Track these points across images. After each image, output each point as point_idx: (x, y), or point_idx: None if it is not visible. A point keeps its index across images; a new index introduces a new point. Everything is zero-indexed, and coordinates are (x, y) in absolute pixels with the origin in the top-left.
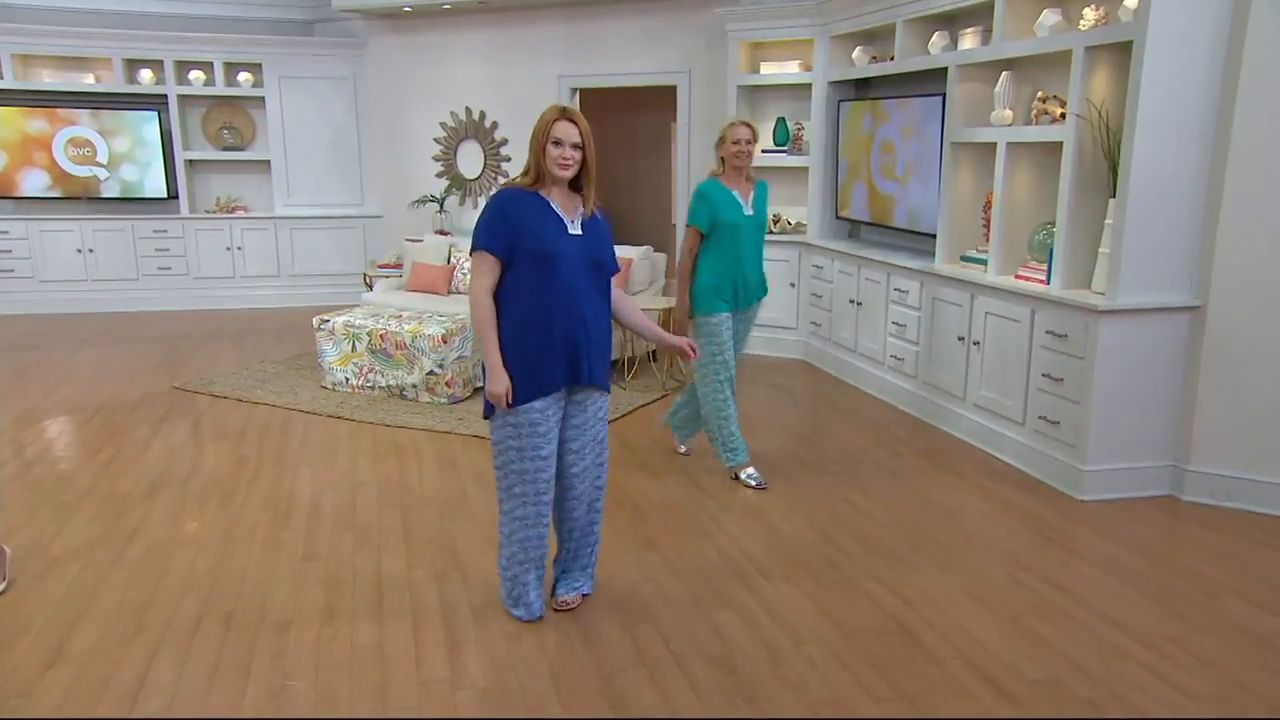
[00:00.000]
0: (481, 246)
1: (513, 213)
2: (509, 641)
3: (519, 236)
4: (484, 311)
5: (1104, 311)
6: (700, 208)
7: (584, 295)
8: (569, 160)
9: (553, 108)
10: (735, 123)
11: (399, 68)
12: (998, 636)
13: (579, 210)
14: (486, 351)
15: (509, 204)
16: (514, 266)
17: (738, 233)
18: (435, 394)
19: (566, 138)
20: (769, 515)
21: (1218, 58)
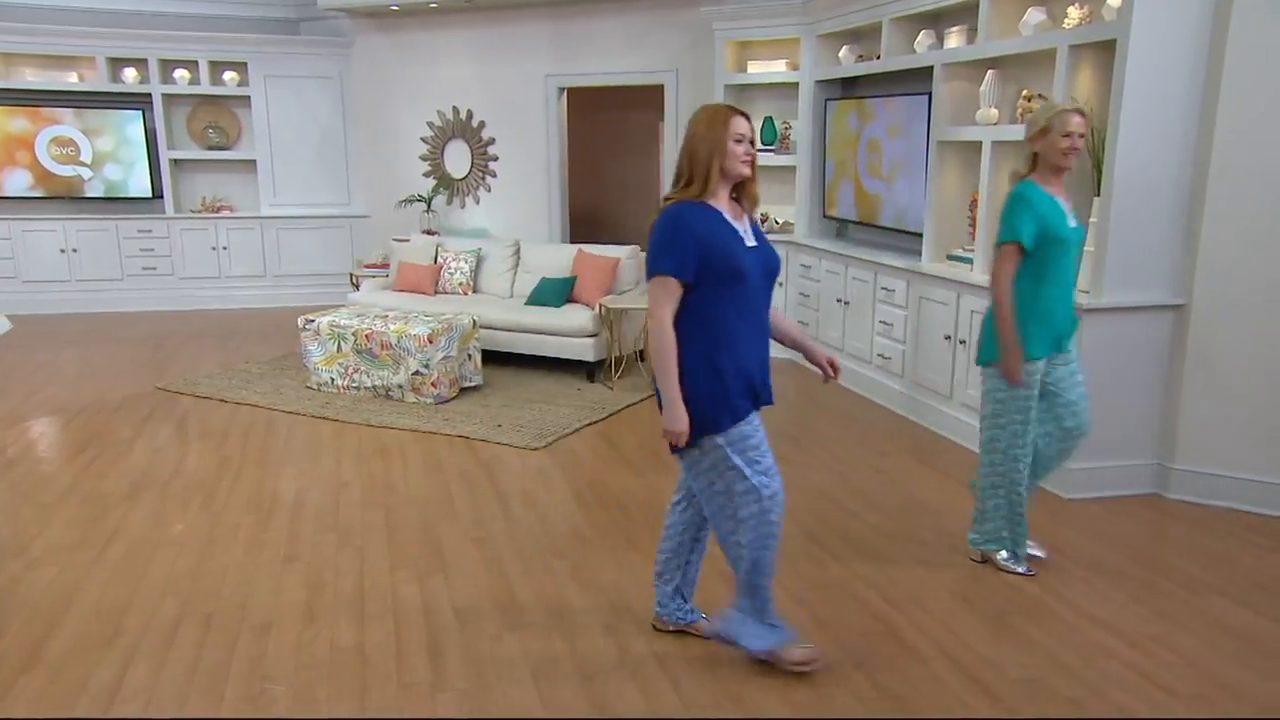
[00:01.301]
0: (667, 271)
1: (697, 229)
2: (491, 643)
3: (708, 255)
4: (670, 342)
5: (1088, 310)
6: (1024, 217)
7: (764, 310)
8: (750, 157)
9: (718, 106)
10: (1066, 108)
11: (385, 67)
12: (982, 635)
13: (744, 217)
14: (667, 385)
15: (691, 220)
16: (699, 288)
17: (1066, 252)
18: (421, 394)
19: (746, 133)
20: None
21: (1200, 57)
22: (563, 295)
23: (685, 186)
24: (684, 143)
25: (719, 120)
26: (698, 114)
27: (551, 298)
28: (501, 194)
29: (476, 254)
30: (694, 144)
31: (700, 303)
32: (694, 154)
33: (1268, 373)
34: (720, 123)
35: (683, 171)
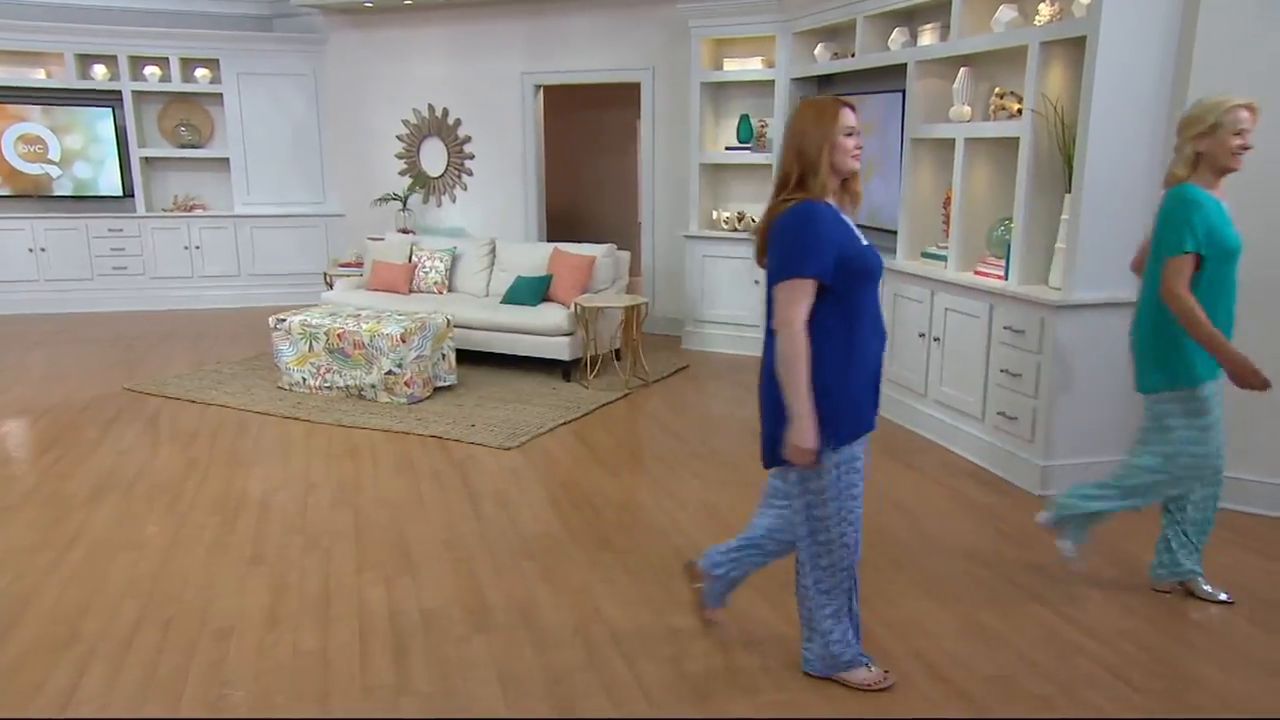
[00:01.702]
0: (805, 273)
1: (830, 229)
2: (458, 646)
3: (843, 255)
4: (804, 349)
5: (1060, 307)
6: (1196, 223)
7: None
8: (860, 150)
9: (824, 100)
10: (1236, 103)
11: (360, 64)
12: (952, 633)
13: (850, 214)
14: (798, 397)
15: (822, 219)
16: (830, 292)
17: (1233, 263)
18: (394, 394)
19: (856, 125)
20: (726, 514)
21: (1169, 54)
22: (538, 294)
23: (798, 186)
24: (789, 140)
25: (828, 114)
26: (803, 109)
27: (527, 296)
28: (478, 192)
29: (451, 253)
30: (803, 141)
31: (829, 308)
32: (803, 151)
33: None
34: (830, 117)
35: (790, 170)
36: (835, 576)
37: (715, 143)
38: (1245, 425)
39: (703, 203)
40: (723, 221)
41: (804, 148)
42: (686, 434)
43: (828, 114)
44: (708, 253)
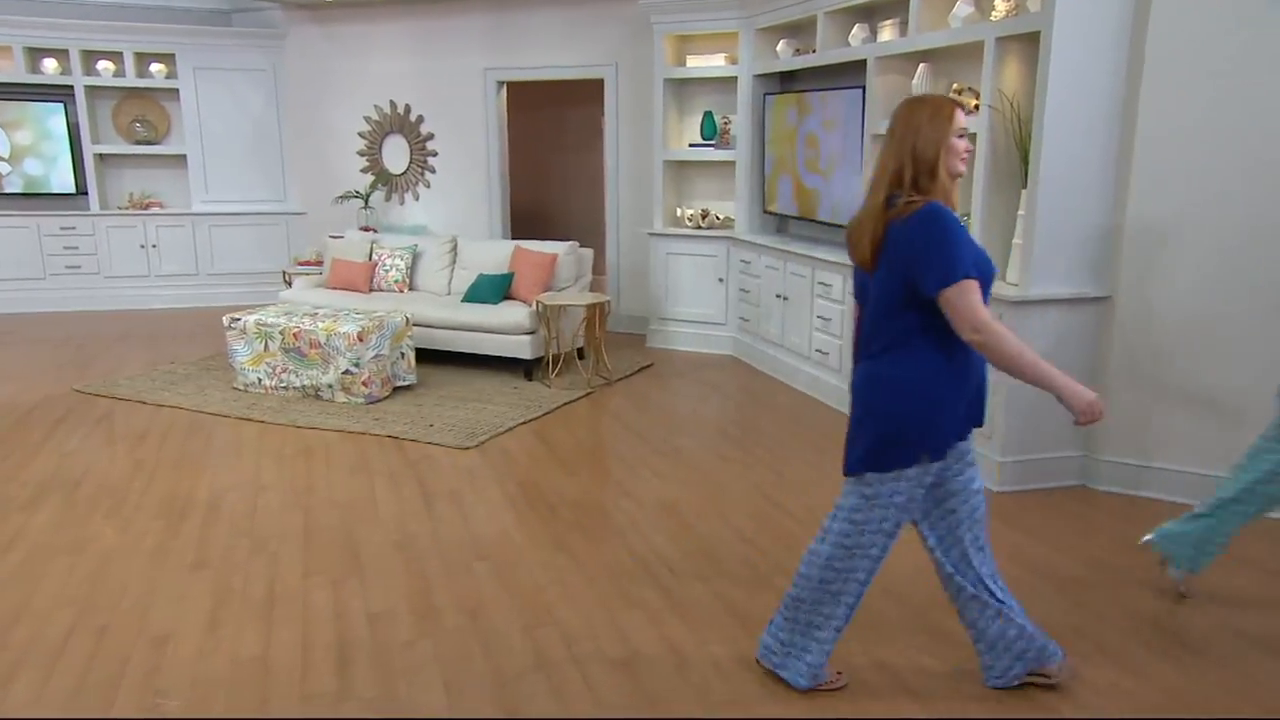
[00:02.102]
0: (969, 273)
1: (965, 230)
2: (403, 650)
3: (977, 256)
4: (1011, 337)
5: (1015, 302)
6: None
7: None
8: (970, 153)
9: (939, 99)
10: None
11: (320, 59)
12: (905, 631)
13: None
14: (1047, 377)
15: (957, 220)
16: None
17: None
18: (352, 394)
19: (967, 127)
20: (686, 514)
21: (1122, 49)
22: (500, 292)
23: (913, 187)
24: (903, 138)
25: (943, 115)
26: (915, 107)
27: (488, 294)
28: (441, 190)
29: (412, 250)
30: (919, 141)
31: (938, 315)
32: (919, 152)
33: (1189, 366)
34: (945, 117)
35: (903, 169)
36: (856, 590)
37: (679, 140)
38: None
39: (667, 200)
40: (686, 219)
41: (920, 148)
42: (648, 433)
43: (943, 114)
44: (672, 250)
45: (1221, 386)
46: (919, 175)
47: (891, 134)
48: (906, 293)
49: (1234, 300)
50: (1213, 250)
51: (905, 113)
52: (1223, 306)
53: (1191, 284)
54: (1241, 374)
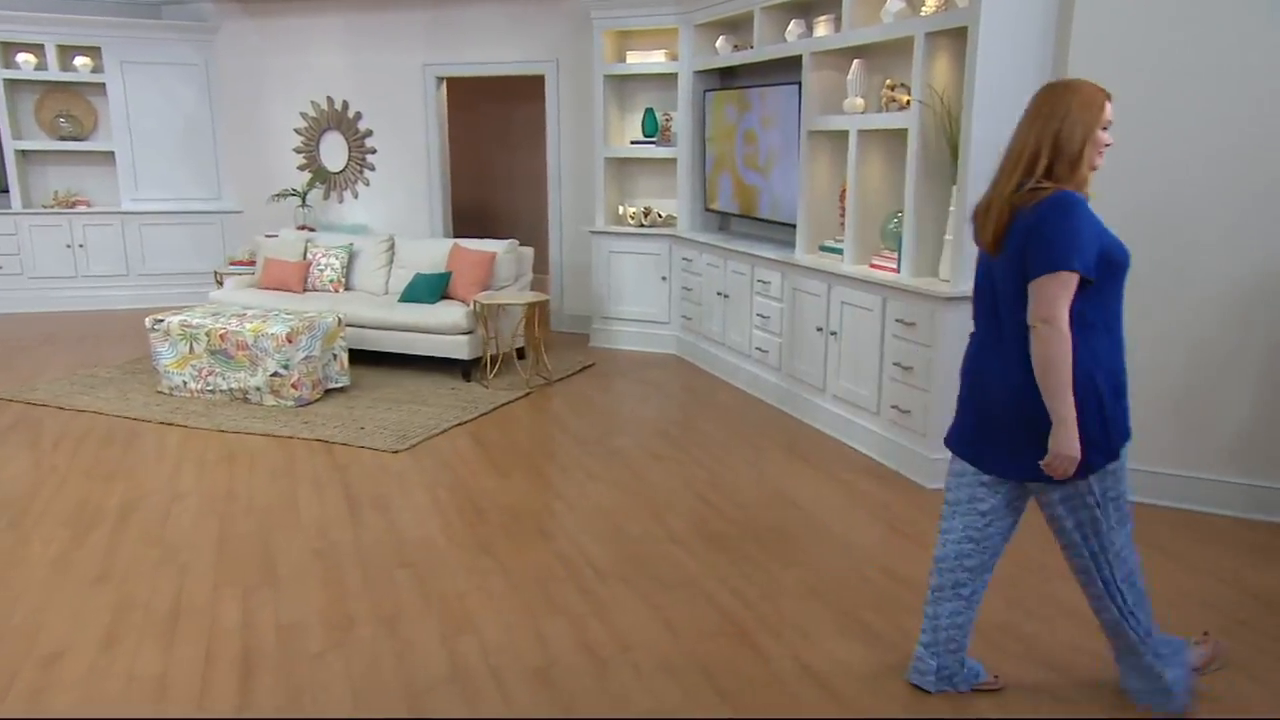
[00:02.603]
0: (1072, 266)
1: (1096, 220)
2: (312, 662)
3: (1107, 249)
4: (1068, 349)
5: (948, 299)
6: None
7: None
8: (1108, 147)
9: (1093, 87)
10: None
11: (254, 54)
12: (832, 633)
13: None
14: (1062, 401)
15: (1086, 210)
16: (1096, 288)
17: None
18: (281, 397)
19: (1113, 120)
20: (618, 515)
21: (1048, 45)
22: (437, 291)
23: (1047, 174)
24: (1046, 123)
25: (1095, 104)
26: (1067, 93)
27: (425, 294)
28: (381, 188)
29: (348, 249)
30: (1063, 126)
31: (1095, 304)
32: (1065, 138)
33: None
34: (1097, 107)
35: (1040, 154)
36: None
37: (621, 137)
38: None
39: (608, 198)
40: (629, 217)
41: (1064, 135)
42: (585, 433)
43: (1095, 103)
44: (614, 248)
45: (1141, 383)
46: (1056, 163)
47: (1033, 117)
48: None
49: (1158, 297)
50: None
51: (1051, 96)
52: (1147, 303)
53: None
54: (1163, 372)
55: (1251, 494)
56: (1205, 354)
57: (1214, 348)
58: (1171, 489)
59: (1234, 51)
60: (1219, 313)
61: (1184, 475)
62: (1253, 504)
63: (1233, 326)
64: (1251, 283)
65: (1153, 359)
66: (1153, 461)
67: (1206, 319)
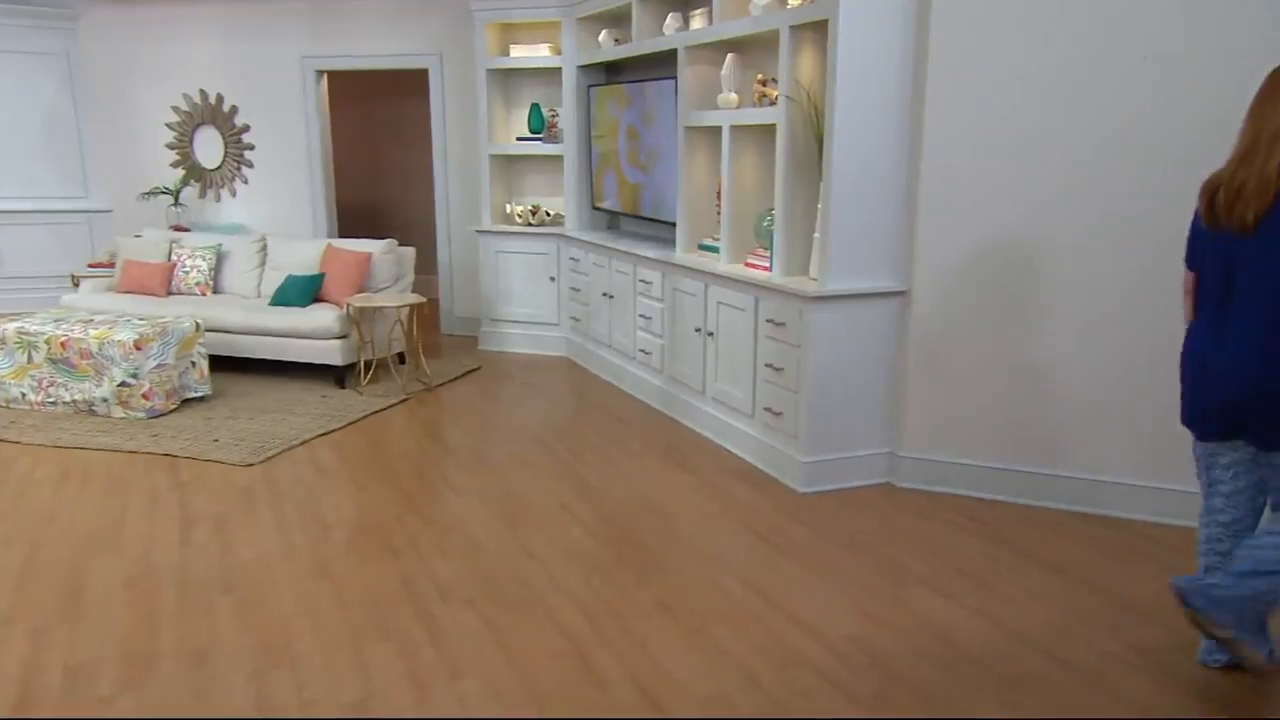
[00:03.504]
0: None
1: None
2: (99, 707)
3: None
4: None
5: (814, 298)
6: None
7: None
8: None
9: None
10: None
11: (121, 44)
12: (676, 651)
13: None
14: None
15: None
16: None
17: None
18: (131, 408)
19: None
20: (475, 530)
21: (909, 39)
22: (309, 294)
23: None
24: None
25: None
26: None
27: (296, 297)
28: (261, 186)
29: (216, 250)
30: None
31: None
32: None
33: (982, 359)
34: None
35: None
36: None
37: (506, 133)
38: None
39: (495, 196)
40: (516, 215)
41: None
42: (456, 443)
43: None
44: (502, 248)
45: (1009, 381)
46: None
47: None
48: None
49: (1023, 296)
50: (1000, 245)
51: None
52: (1012, 302)
53: (979, 276)
54: (1029, 370)
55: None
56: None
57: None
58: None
59: (1093, 38)
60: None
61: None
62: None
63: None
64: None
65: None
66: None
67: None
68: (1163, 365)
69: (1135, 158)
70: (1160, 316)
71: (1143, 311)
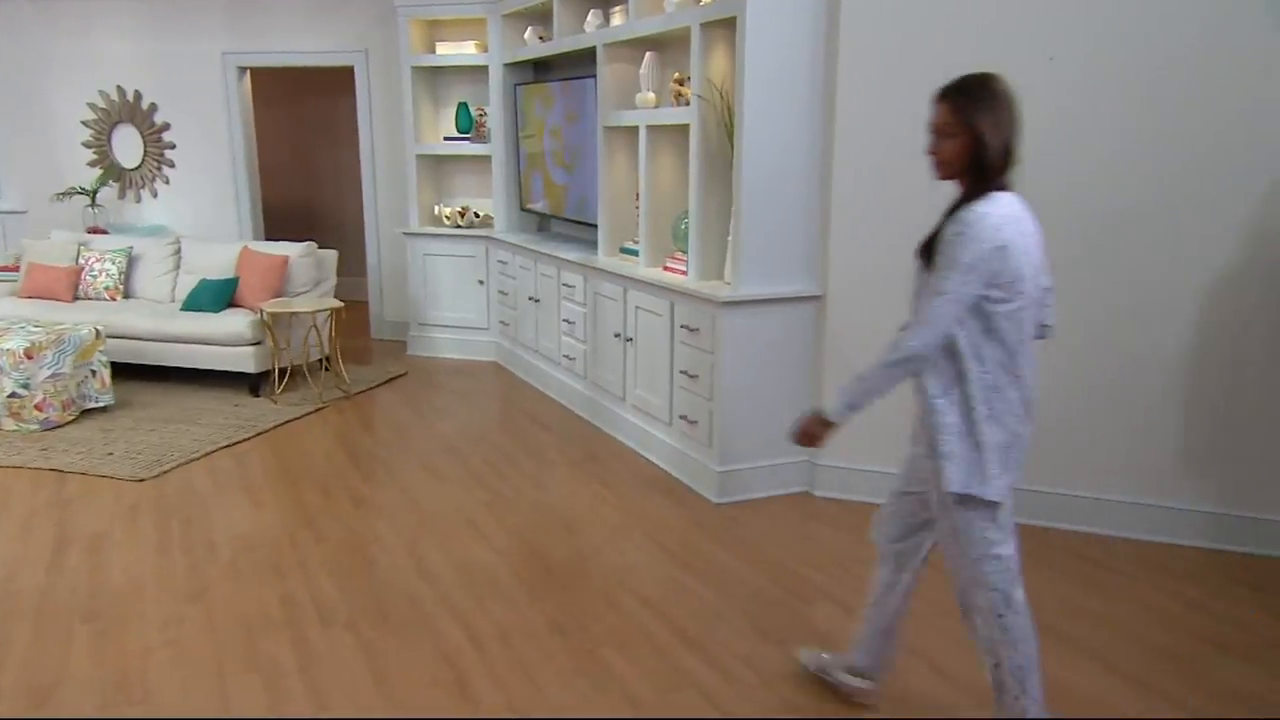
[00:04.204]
0: None
1: None
2: None
3: None
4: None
5: (725, 303)
6: None
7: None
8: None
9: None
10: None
11: (30, 38)
12: (563, 675)
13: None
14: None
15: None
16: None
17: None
18: (23, 420)
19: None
20: (370, 547)
21: (819, 34)
22: (222, 299)
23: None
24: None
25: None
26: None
27: (208, 302)
28: (183, 187)
29: (126, 254)
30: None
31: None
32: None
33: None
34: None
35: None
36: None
37: (434, 133)
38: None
39: (422, 197)
40: (445, 217)
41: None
42: (368, 453)
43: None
44: (430, 251)
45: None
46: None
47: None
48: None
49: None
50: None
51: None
52: None
53: (891, 281)
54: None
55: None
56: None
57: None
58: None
59: (1002, 37)
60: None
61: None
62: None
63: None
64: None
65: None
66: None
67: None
68: (1077, 369)
69: (1046, 156)
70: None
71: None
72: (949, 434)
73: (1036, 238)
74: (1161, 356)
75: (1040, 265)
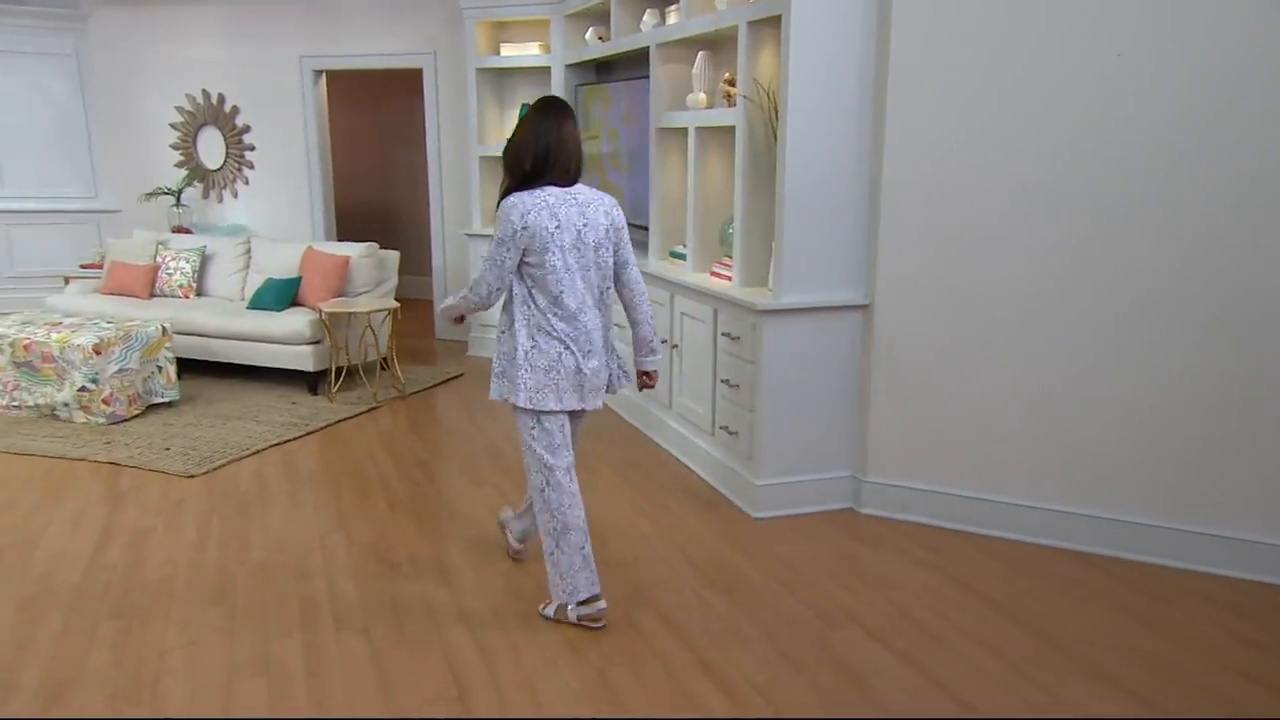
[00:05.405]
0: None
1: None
2: None
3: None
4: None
5: (766, 311)
6: None
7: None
8: None
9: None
10: None
11: (129, 45)
12: (565, 696)
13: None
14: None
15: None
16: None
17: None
18: (92, 413)
19: None
20: (397, 550)
21: (869, 34)
22: (285, 298)
23: None
24: None
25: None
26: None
27: (272, 301)
28: (261, 188)
29: (200, 252)
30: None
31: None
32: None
33: (950, 378)
34: None
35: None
36: None
37: (499, 134)
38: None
39: (485, 199)
40: None
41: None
42: (411, 455)
43: None
44: None
45: (981, 403)
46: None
47: None
48: None
49: (995, 312)
50: (969, 257)
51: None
52: (983, 318)
53: (942, 290)
54: (997, 390)
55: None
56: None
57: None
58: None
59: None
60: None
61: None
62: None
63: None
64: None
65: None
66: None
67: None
68: (1152, 386)
69: (1113, 164)
70: (1146, 330)
71: (1130, 327)
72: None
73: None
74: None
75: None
